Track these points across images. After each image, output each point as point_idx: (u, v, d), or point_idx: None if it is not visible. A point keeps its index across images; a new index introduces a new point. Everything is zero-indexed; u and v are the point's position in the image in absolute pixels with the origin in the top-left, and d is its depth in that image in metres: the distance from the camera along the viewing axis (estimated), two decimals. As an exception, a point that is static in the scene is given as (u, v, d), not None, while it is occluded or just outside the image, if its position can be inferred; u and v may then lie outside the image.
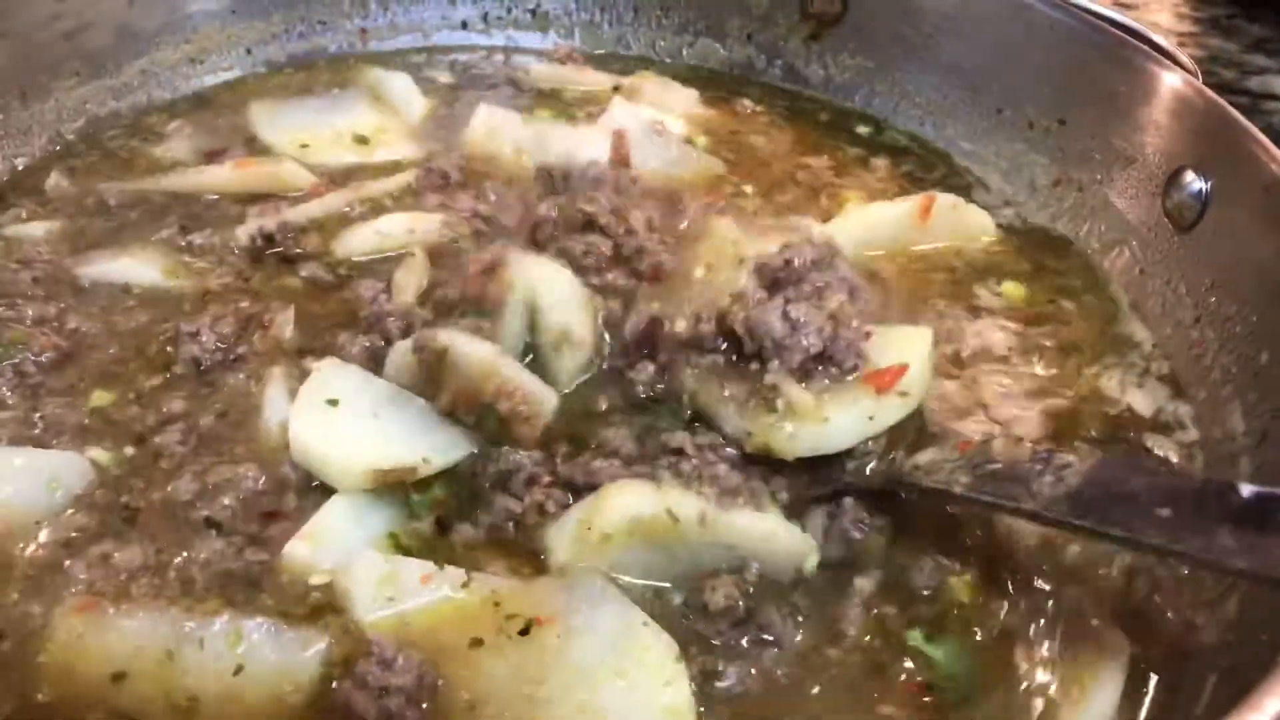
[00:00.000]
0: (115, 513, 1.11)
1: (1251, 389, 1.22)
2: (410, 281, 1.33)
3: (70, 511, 1.10)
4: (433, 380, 1.15)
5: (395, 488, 1.10)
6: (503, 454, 1.13)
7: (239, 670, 0.96)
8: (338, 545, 1.06)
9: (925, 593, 1.07)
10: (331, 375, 1.18)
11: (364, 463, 1.09)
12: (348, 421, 1.13)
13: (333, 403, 1.15)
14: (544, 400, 1.15)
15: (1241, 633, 1.00)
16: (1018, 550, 1.11)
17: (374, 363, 1.22)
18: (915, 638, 1.04)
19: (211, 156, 1.61)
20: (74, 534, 1.08)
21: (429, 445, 1.12)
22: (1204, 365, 1.31)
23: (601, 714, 0.92)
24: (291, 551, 1.05)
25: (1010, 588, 1.08)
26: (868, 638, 1.04)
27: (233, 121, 1.70)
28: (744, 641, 1.02)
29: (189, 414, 1.20)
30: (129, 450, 1.17)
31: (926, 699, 1.00)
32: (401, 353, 1.18)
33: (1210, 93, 1.37)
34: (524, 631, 0.98)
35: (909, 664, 1.02)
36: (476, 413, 1.13)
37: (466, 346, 1.14)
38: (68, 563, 1.05)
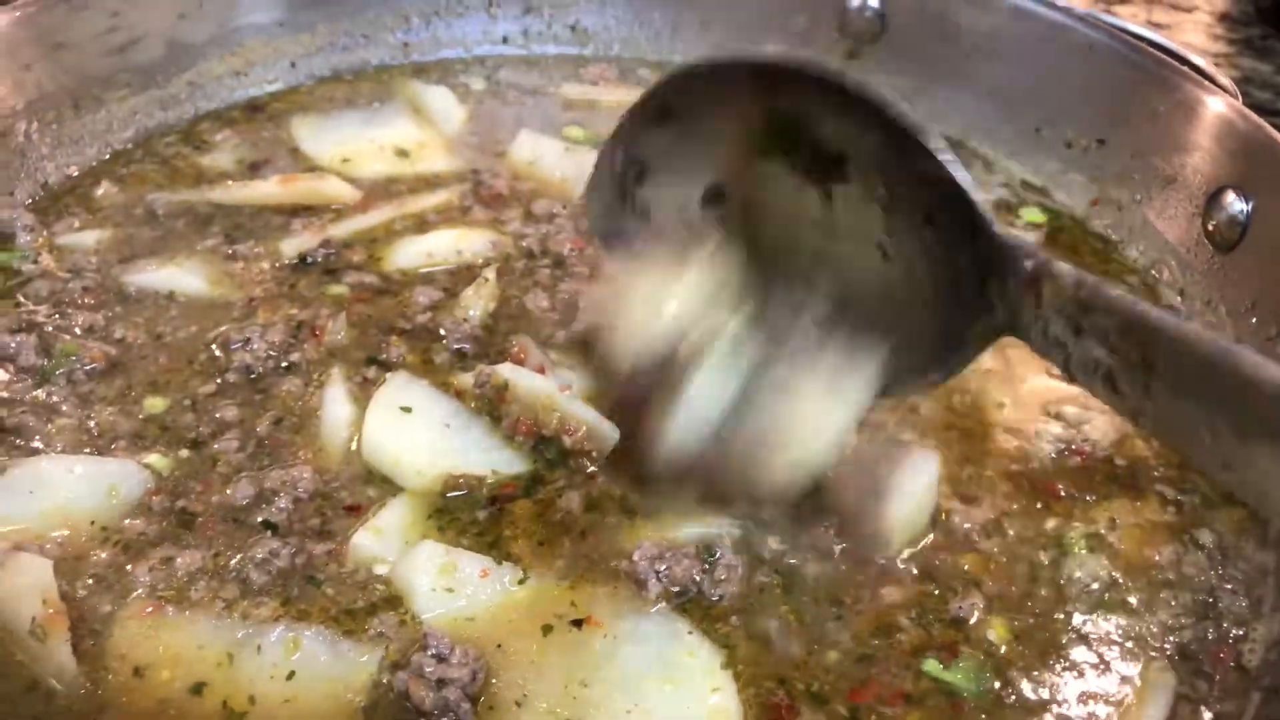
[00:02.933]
0: (173, 517, 1.12)
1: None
2: (479, 302, 1.37)
3: (128, 519, 1.12)
4: (494, 408, 1.21)
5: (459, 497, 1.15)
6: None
7: (292, 675, 0.98)
8: (401, 539, 1.10)
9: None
10: (405, 385, 1.24)
11: (437, 466, 1.16)
12: (420, 428, 1.20)
13: (406, 410, 1.20)
14: (606, 437, 1.18)
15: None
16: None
17: (428, 370, 1.28)
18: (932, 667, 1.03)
19: (255, 169, 1.63)
20: (134, 538, 1.10)
21: (496, 459, 1.18)
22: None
23: (649, 715, 0.95)
24: (358, 541, 1.09)
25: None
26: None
27: (276, 134, 1.72)
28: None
29: (243, 420, 1.22)
30: (184, 454, 1.18)
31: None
32: (466, 381, 1.24)
33: (1252, 114, 1.38)
34: (576, 625, 1.02)
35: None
36: (535, 440, 1.19)
37: (527, 382, 1.20)
38: (129, 566, 1.07)
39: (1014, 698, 1.01)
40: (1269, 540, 1.17)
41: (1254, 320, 1.33)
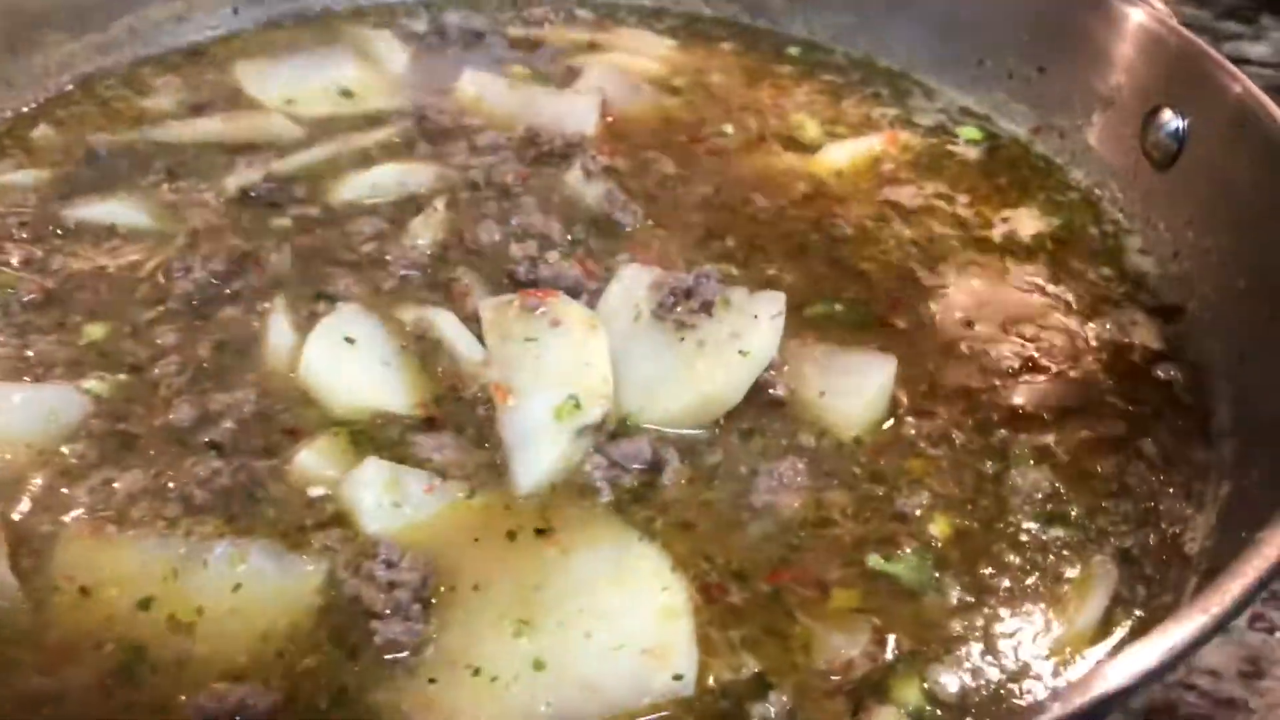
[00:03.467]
0: (113, 439, 1.11)
1: (1231, 315, 1.25)
2: (427, 232, 1.37)
3: (67, 443, 1.10)
4: (425, 361, 1.21)
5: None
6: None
7: (238, 588, 0.98)
8: (344, 459, 1.09)
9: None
10: (353, 317, 1.22)
11: (371, 402, 1.15)
12: (361, 361, 1.18)
13: (350, 341, 1.19)
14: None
15: (1220, 537, 1.03)
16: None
17: (374, 300, 1.27)
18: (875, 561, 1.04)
19: (198, 110, 1.61)
20: (74, 462, 1.09)
21: (430, 397, 1.18)
22: (1184, 296, 1.34)
23: (601, 614, 0.96)
24: (301, 461, 1.08)
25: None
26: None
27: (219, 78, 1.71)
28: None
29: (184, 345, 1.21)
30: (124, 378, 1.17)
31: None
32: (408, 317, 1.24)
33: (1184, 31, 1.40)
34: (531, 534, 1.03)
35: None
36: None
37: (460, 343, 1.21)
38: (68, 488, 1.06)
39: (954, 591, 1.02)
40: (1211, 439, 1.19)
41: (1190, 234, 1.36)
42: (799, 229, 1.44)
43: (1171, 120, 1.40)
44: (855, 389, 1.18)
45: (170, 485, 1.06)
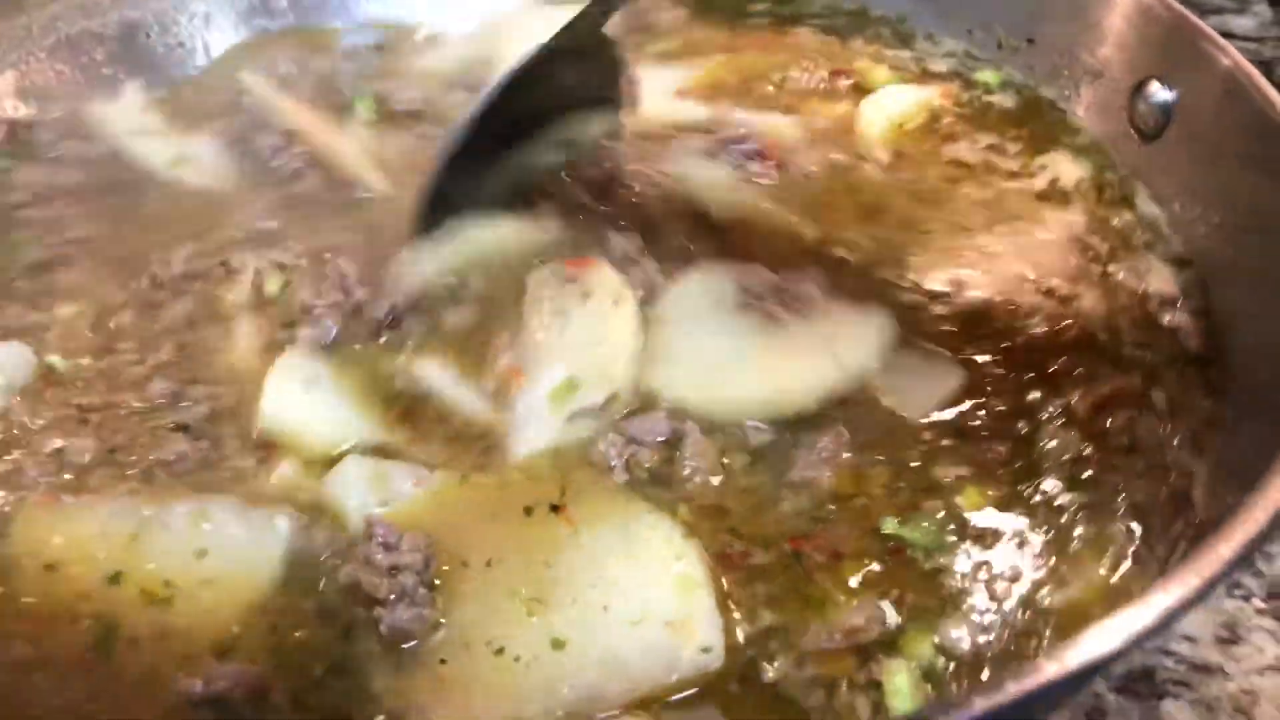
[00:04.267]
0: (68, 410, 1.10)
1: (1218, 286, 1.26)
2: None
3: (19, 401, 1.10)
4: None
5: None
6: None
7: (204, 554, 0.96)
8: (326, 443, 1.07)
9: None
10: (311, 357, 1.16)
11: (338, 445, 1.09)
12: (322, 404, 1.12)
13: (311, 381, 1.13)
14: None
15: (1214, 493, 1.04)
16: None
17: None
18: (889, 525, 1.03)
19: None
20: (24, 421, 1.08)
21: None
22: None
23: (615, 585, 0.93)
24: (280, 472, 1.05)
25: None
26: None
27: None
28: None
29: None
30: (85, 360, 1.17)
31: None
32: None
33: (1173, 3, 1.40)
34: (530, 511, 0.99)
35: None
36: None
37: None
38: (18, 453, 1.05)
39: (968, 554, 1.02)
40: (1212, 387, 1.20)
41: (1177, 206, 1.36)
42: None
43: (1160, 92, 1.40)
44: (922, 402, 1.15)
45: (131, 460, 1.05)
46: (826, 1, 1.83)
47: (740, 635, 0.94)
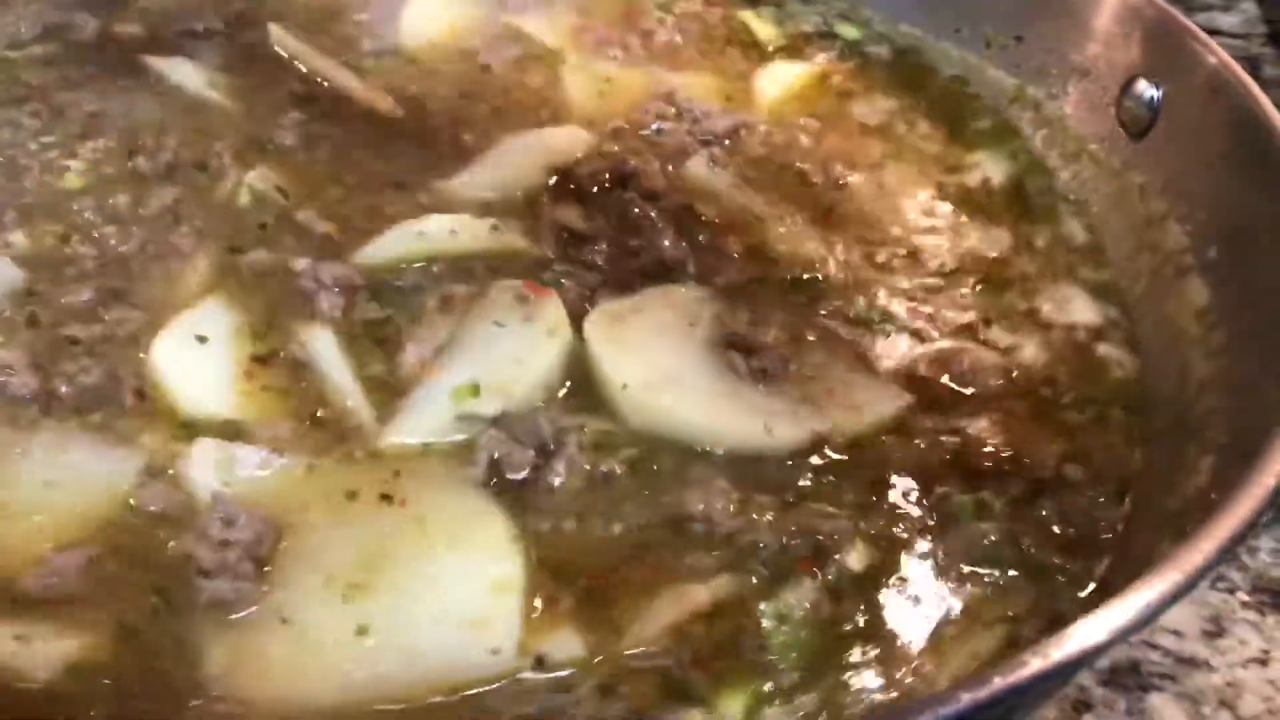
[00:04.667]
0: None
1: (1201, 283, 1.27)
2: None
3: None
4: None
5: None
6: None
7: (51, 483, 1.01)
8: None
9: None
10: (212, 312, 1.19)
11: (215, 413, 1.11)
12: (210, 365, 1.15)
13: (201, 339, 1.15)
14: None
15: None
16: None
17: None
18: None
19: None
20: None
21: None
22: (1148, 264, 1.36)
23: (436, 580, 0.95)
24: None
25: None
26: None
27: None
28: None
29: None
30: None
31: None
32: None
33: (1161, 2, 1.41)
34: (375, 497, 1.02)
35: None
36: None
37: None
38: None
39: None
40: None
41: (1164, 203, 1.37)
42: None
43: (1147, 90, 1.41)
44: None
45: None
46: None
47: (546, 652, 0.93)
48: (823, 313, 1.29)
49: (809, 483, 1.09)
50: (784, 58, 1.72)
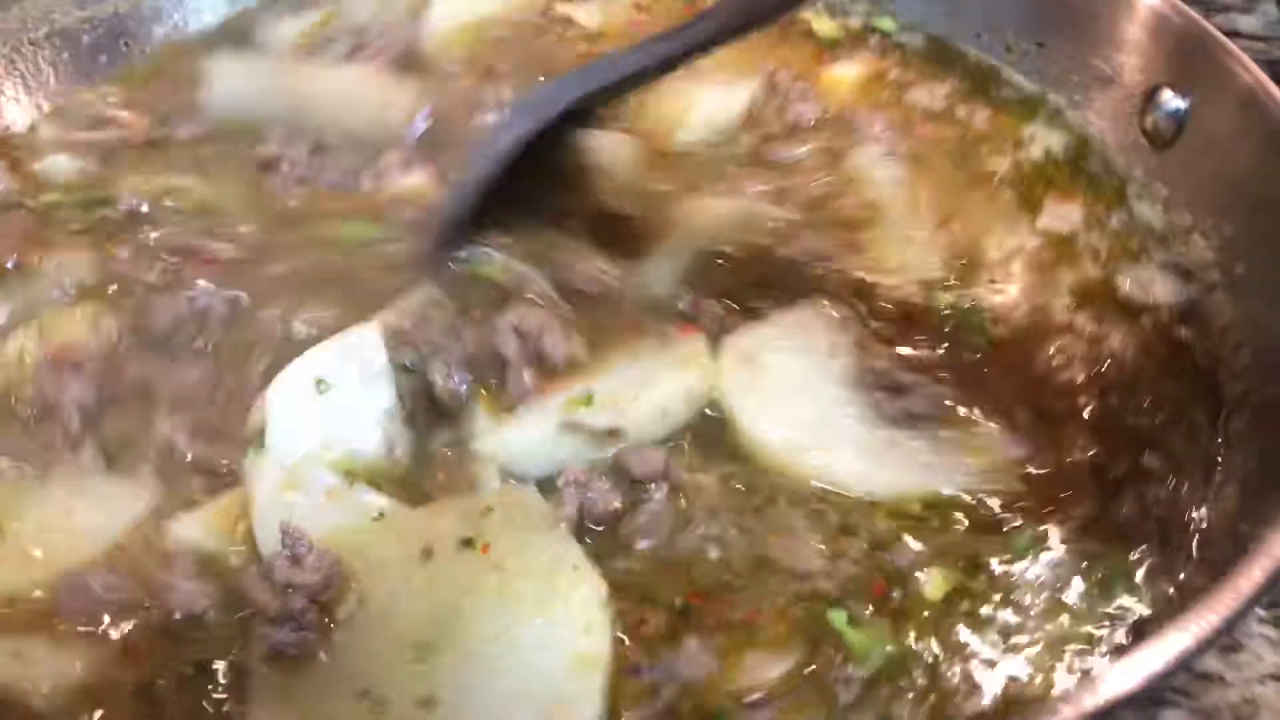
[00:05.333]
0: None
1: (1227, 300, 1.26)
2: None
3: None
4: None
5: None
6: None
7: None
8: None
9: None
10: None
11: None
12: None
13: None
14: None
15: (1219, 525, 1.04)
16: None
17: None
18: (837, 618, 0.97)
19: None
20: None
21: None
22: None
23: (516, 646, 0.88)
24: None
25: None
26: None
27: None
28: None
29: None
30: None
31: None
32: None
33: (1188, 10, 1.39)
34: (465, 544, 0.94)
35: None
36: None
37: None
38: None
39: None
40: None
41: (1189, 216, 1.35)
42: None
43: (1173, 100, 1.39)
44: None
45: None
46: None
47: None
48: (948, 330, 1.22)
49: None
50: (844, 52, 1.70)
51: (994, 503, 1.06)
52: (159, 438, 1.06)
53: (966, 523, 1.05)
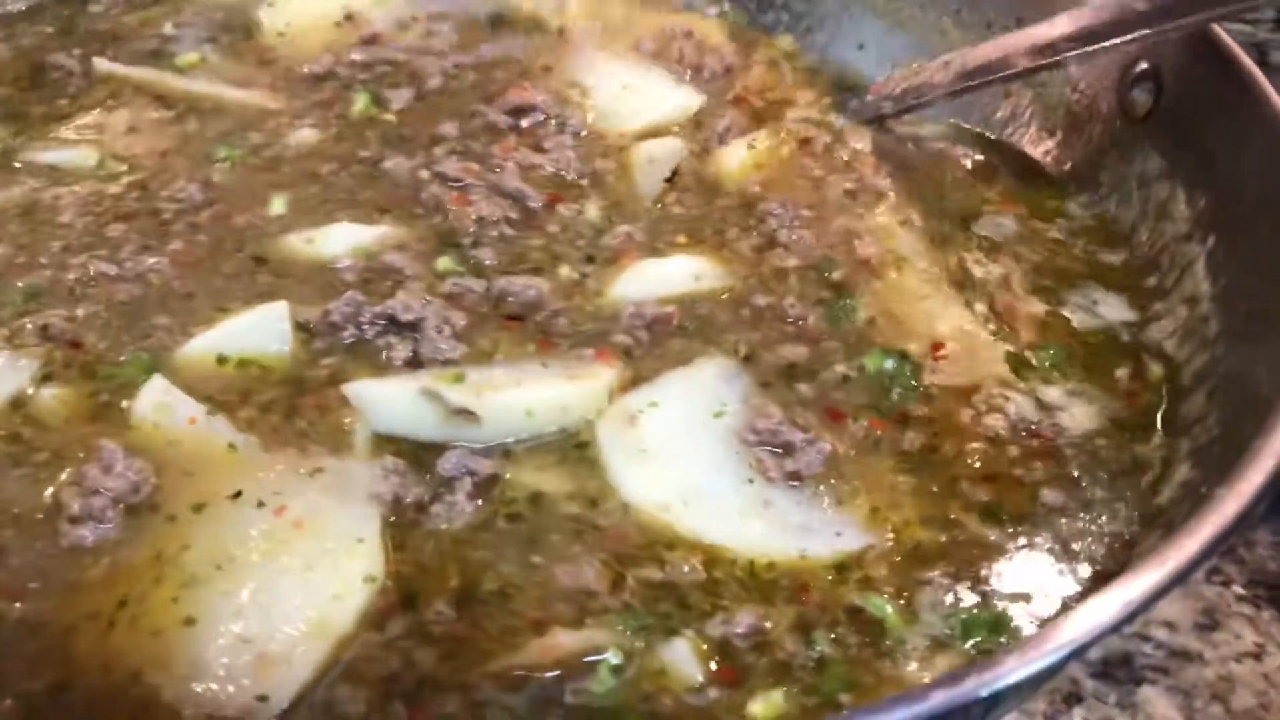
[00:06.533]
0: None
1: (1204, 273, 1.24)
2: None
3: None
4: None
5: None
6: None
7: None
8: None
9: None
10: None
11: None
12: None
13: None
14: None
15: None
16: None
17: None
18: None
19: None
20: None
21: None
22: (1153, 254, 1.34)
23: (273, 591, 0.91)
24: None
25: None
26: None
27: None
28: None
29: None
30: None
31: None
32: None
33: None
34: (255, 505, 0.97)
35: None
36: None
37: None
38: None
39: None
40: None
41: (1164, 191, 1.35)
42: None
43: (1148, 74, 1.38)
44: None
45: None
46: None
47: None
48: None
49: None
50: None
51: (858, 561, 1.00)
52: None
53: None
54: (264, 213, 1.31)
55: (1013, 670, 0.64)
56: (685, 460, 1.06)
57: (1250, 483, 0.77)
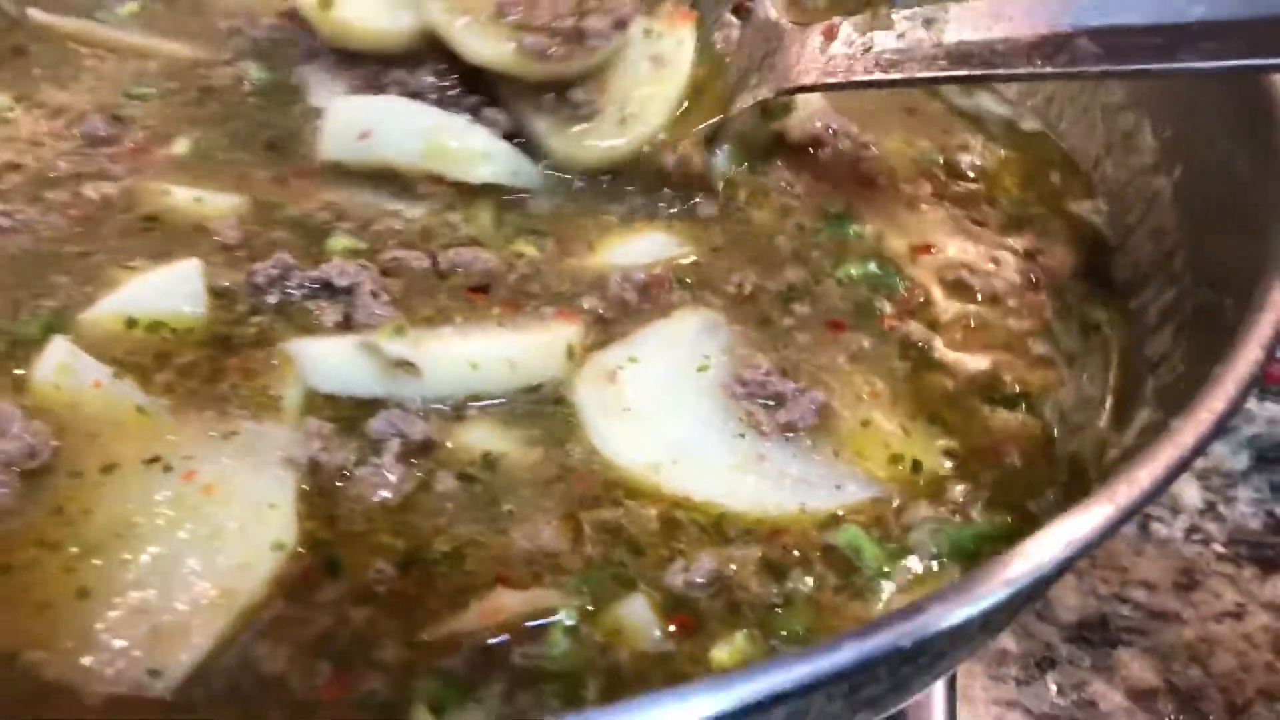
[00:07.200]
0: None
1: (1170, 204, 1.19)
2: None
3: None
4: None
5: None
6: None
7: None
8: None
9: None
10: None
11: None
12: None
13: None
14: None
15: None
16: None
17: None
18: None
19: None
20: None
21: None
22: (1119, 182, 1.29)
23: (174, 559, 0.85)
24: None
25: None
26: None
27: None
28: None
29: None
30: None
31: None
32: None
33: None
34: (163, 469, 0.92)
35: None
36: None
37: None
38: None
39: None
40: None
41: (1130, 121, 1.29)
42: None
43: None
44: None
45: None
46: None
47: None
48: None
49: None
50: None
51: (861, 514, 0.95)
52: None
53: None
54: (166, 152, 1.28)
55: (937, 618, 0.57)
56: (671, 417, 0.99)
57: (1210, 411, 0.71)
